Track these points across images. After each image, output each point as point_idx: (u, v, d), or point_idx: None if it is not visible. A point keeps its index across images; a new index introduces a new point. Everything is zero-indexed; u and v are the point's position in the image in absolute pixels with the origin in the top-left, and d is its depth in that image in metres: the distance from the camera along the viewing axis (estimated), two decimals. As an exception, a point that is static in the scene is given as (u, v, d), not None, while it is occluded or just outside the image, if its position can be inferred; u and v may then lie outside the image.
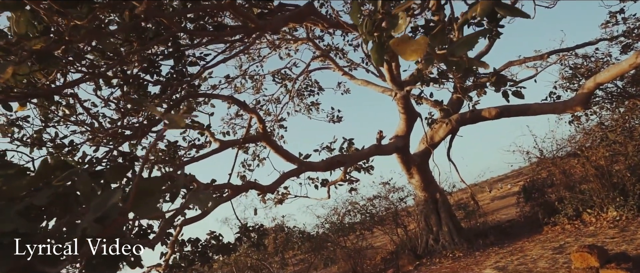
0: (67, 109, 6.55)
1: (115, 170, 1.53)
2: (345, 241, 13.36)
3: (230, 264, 13.43)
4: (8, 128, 6.26)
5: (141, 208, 1.56)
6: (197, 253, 7.81)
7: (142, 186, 1.59)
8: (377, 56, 2.05)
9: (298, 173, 7.75)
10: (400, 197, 13.97)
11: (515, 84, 6.66)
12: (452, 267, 8.80)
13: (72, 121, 6.76)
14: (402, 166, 11.39)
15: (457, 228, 11.13)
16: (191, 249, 7.75)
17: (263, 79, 13.07)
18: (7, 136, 6.36)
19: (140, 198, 1.58)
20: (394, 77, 8.99)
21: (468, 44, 1.47)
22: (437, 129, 10.95)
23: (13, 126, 6.20)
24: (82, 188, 1.54)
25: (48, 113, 6.53)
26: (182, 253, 7.69)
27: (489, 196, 28.58)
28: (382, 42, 1.84)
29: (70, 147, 6.80)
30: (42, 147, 6.65)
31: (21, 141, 6.43)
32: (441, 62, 1.58)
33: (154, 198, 1.58)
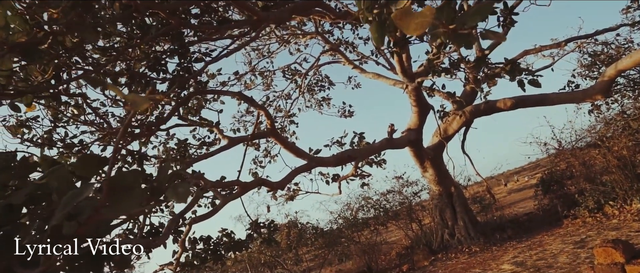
0: (75, 109, 6.56)
1: (85, 163, 1.41)
2: (359, 236, 13.21)
3: (244, 261, 13.43)
4: (18, 129, 6.29)
5: (118, 205, 1.44)
6: (209, 251, 7.78)
7: (119, 181, 1.47)
8: (377, 35, 1.88)
9: (308, 169, 7.63)
10: (415, 191, 13.76)
11: (532, 73, 6.39)
12: (469, 262, 8.57)
13: (82, 121, 6.77)
14: (415, 160, 11.16)
15: (473, 223, 10.87)
16: (203, 247, 7.72)
17: (273, 75, 12.98)
18: (18, 136, 6.39)
19: (118, 194, 1.47)
20: (405, 69, 8.78)
21: (481, 13, 1.31)
22: (451, 122, 10.68)
23: (23, 127, 6.23)
24: (58, 184, 1.44)
25: (57, 113, 6.55)
26: (194, 251, 7.65)
27: (506, 189, 28.01)
28: (382, 19, 1.68)
29: (80, 146, 6.82)
30: (52, 147, 6.68)
31: (32, 142, 6.46)
32: (449, 37, 1.42)
33: (134, 193, 1.47)
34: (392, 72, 11.81)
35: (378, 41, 1.94)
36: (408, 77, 8.59)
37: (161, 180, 1.49)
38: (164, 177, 1.49)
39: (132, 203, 1.45)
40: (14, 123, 6.20)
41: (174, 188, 1.40)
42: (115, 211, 1.43)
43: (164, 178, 1.49)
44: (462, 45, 1.80)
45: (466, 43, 1.80)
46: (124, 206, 1.44)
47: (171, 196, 1.38)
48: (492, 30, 1.54)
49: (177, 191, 1.38)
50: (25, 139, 6.48)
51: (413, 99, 9.60)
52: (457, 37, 1.61)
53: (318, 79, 13.44)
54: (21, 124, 6.18)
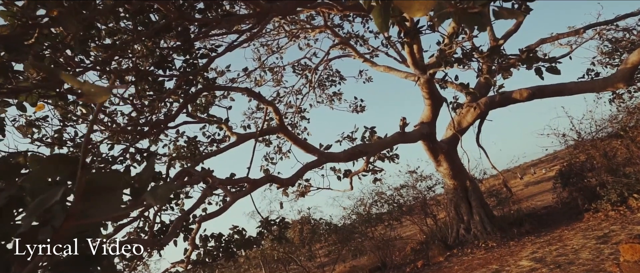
0: (84, 108, 6.56)
1: (53, 163, 1.30)
2: (372, 232, 13.06)
3: (257, 258, 13.43)
4: (28, 129, 6.32)
5: (98, 208, 1.33)
6: (220, 248, 7.74)
7: (98, 182, 1.36)
8: (380, 20, 1.71)
9: (318, 165, 7.50)
10: (429, 186, 13.53)
11: (549, 61, 6.11)
12: (485, 258, 8.34)
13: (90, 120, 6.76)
14: (428, 153, 10.93)
15: (489, 217, 10.60)
16: (215, 244, 7.69)
17: (283, 71, 12.86)
18: (28, 136, 6.42)
19: (97, 196, 1.36)
20: (416, 61, 8.55)
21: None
22: (465, 114, 10.40)
23: (32, 127, 6.25)
24: (31, 186, 1.34)
25: (66, 112, 6.56)
26: (205, 249, 7.62)
27: (523, 182, 27.43)
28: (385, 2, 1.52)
29: (90, 146, 6.83)
30: (62, 147, 6.71)
31: (42, 142, 6.49)
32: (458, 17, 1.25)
33: (115, 195, 1.36)
34: (403, 65, 11.57)
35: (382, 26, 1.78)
36: (420, 69, 8.36)
37: (144, 180, 1.38)
38: (147, 177, 1.38)
39: (111, 206, 1.34)
40: (24, 123, 6.23)
41: (154, 189, 1.28)
42: (93, 215, 1.32)
43: (147, 178, 1.38)
44: (474, 26, 1.63)
45: (478, 24, 1.62)
46: (103, 210, 1.33)
47: (149, 198, 1.26)
48: (507, 8, 1.37)
49: (156, 192, 1.26)
50: (35, 139, 6.52)
51: (425, 91, 9.36)
52: (467, 17, 1.45)
53: (329, 74, 13.28)
54: (30, 124, 6.20)
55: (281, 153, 12.24)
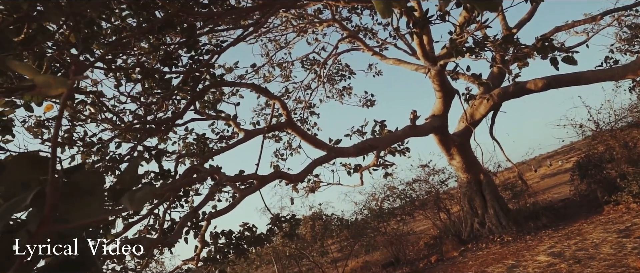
0: (92, 108, 6.57)
1: (22, 163, 1.21)
2: (385, 227, 12.92)
3: (269, 254, 13.43)
4: (38, 130, 6.35)
5: (78, 211, 1.24)
6: (231, 245, 7.72)
7: (78, 184, 1.26)
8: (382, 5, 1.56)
9: (327, 160, 7.39)
10: (441, 180, 13.33)
11: (565, 50, 5.87)
12: (501, 253, 8.14)
13: (100, 120, 6.77)
14: (441, 147, 10.72)
15: (504, 211, 10.36)
16: (225, 242, 7.67)
17: (292, 66, 12.75)
18: (38, 137, 6.45)
19: (77, 198, 1.26)
20: (427, 52, 8.34)
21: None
22: (477, 106, 10.14)
23: (42, 127, 6.28)
24: (5, 189, 1.26)
25: (75, 112, 6.57)
26: (216, 246, 7.61)
27: (538, 175, 26.88)
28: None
29: (100, 144, 6.84)
30: (72, 146, 6.73)
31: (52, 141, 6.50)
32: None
33: (96, 197, 1.26)
34: (414, 57, 11.35)
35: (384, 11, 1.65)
36: (430, 60, 8.15)
37: (125, 182, 1.29)
38: (129, 178, 1.29)
39: (92, 210, 1.25)
40: (33, 123, 6.26)
41: (133, 193, 1.18)
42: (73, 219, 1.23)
43: (129, 180, 1.29)
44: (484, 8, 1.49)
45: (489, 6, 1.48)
46: (83, 213, 1.24)
47: (126, 202, 1.16)
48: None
49: (134, 197, 1.16)
50: (46, 140, 6.54)
51: (436, 84, 9.15)
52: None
53: (338, 69, 13.12)
54: (39, 124, 6.22)
55: (291, 148, 12.16)
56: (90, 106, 6.54)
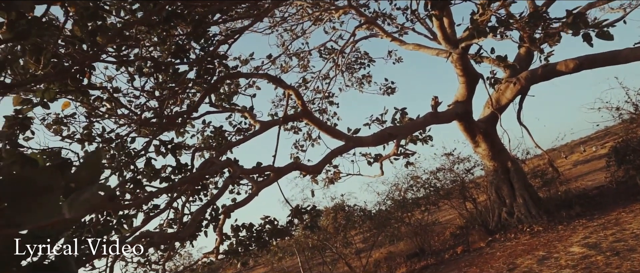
0: (108, 103, 6.59)
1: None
2: (409, 217, 12.64)
3: (292, 246, 13.41)
4: (57, 127, 6.43)
5: (31, 213, 1.10)
6: (252, 238, 7.68)
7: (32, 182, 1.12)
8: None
9: (346, 150, 7.19)
10: (467, 168, 12.88)
11: (599, 26, 5.38)
12: (531, 244, 7.74)
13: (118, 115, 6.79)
14: (465, 134, 10.30)
15: (534, 199, 9.87)
16: (246, 234, 7.64)
17: (309, 56, 12.54)
18: (58, 134, 6.54)
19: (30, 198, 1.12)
20: (447, 35, 7.95)
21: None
22: (504, 91, 9.64)
23: (60, 124, 6.35)
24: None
25: (92, 108, 6.62)
26: (237, 238, 7.58)
27: (570, 161, 25.70)
28: None
29: (118, 140, 6.89)
30: (91, 143, 6.80)
31: (71, 138, 6.58)
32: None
33: (51, 197, 1.12)
34: (434, 41, 10.91)
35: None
36: (451, 44, 7.76)
37: (81, 179, 1.14)
38: (86, 175, 1.14)
39: (47, 210, 1.11)
40: (51, 121, 6.34)
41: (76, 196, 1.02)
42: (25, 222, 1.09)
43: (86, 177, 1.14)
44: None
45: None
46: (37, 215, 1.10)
47: (65, 208, 1.01)
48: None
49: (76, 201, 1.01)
50: (65, 137, 6.63)
51: (459, 68, 8.73)
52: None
53: (357, 57, 12.81)
54: (57, 121, 6.29)
55: (311, 139, 12.02)
56: (107, 102, 6.58)
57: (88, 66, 4.67)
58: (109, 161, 6.74)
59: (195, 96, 7.47)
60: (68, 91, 5.02)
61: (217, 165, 5.28)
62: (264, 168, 6.37)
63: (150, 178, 6.73)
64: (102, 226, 5.16)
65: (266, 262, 16.62)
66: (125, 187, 5.91)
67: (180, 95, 7.17)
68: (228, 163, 5.51)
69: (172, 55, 5.79)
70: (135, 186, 5.90)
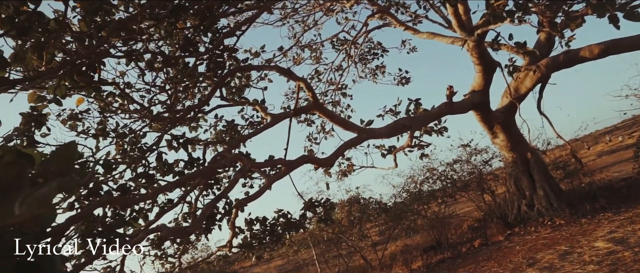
0: (120, 99, 6.63)
1: None
2: (425, 210, 12.44)
3: (307, 239, 13.40)
4: (73, 122, 6.51)
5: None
6: (266, 231, 7.68)
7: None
8: None
9: (358, 142, 7.05)
10: (485, 160, 12.55)
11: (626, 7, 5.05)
12: (552, 238, 7.47)
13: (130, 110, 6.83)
14: (482, 125, 10.00)
15: (555, 191, 9.53)
16: (260, 228, 7.64)
17: (321, 47, 12.37)
18: (74, 129, 6.62)
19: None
20: (463, 23, 7.68)
21: None
22: (523, 79, 9.29)
23: (75, 120, 6.42)
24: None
25: (106, 104, 6.67)
26: (251, 232, 7.59)
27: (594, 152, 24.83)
28: None
29: (131, 135, 6.94)
30: (106, 137, 6.86)
31: (86, 134, 6.65)
32: None
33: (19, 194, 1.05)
34: (449, 30, 10.59)
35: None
36: (467, 31, 7.49)
37: (50, 174, 1.06)
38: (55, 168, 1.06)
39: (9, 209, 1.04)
40: (66, 117, 6.42)
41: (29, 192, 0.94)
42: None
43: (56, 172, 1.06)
44: None
45: None
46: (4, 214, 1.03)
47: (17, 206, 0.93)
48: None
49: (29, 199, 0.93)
50: (80, 132, 6.71)
51: (475, 56, 8.43)
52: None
53: (370, 47, 12.57)
54: (72, 117, 6.36)
55: (324, 132, 11.92)
56: (119, 97, 6.61)
57: (97, 62, 4.67)
58: (122, 156, 6.80)
59: (206, 90, 7.45)
60: (79, 87, 5.05)
61: (227, 159, 5.24)
62: (274, 161, 6.31)
63: (164, 173, 6.77)
64: (114, 220, 5.20)
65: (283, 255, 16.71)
66: (138, 182, 5.95)
67: (191, 89, 7.17)
68: (238, 157, 5.46)
69: (181, 49, 5.76)
70: (147, 181, 5.93)
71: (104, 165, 5.54)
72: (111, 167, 5.74)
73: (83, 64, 4.94)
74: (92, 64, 4.95)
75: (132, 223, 5.65)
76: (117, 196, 5.13)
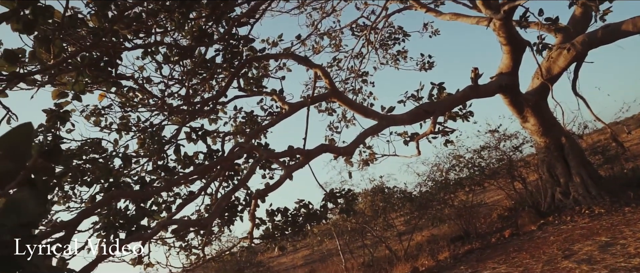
0: (140, 93, 6.67)
1: None
2: (452, 199, 12.05)
3: (330, 229, 13.31)
4: (96, 118, 6.60)
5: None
6: (287, 222, 7.63)
7: None
8: None
9: (379, 130, 6.83)
10: (514, 146, 11.97)
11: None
12: (590, 228, 7.01)
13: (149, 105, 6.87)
14: (511, 108, 9.50)
15: (593, 178, 8.95)
16: (281, 219, 7.59)
17: (341, 34, 12.10)
18: (98, 125, 6.72)
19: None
20: (488, 0, 7.23)
21: None
22: (556, 58, 8.71)
23: (98, 116, 6.50)
24: None
25: (127, 99, 6.73)
26: (273, 223, 7.55)
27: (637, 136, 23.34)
28: None
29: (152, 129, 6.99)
30: (128, 132, 6.94)
31: (109, 129, 6.74)
32: None
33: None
34: (474, 9, 10.07)
35: None
36: (493, 9, 7.05)
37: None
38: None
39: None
40: (89, 112, 6.51)
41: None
42: None
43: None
44: None
45: None
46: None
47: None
48: None
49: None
50: (104, 127, 6.80)
51: (502, 36, 7.95)
52: None
53: (390, 32, 12.19)
54: (94, 113, 6.45)
55: (346, 120, 11.71)
56: (139, 92, 6.65)
57: (113, 56, 4.65)
58: (145, 150, 6.87)
59: (224, 82, 7.40)
60: (98, 82, 5.07)
61: (243, 149, 5.17)
62: (292, 151, 6.19)
63: (184, 165, 6.79)
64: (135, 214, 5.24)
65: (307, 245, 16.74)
66: (157, 174, 5.98)
67: (209, 81, 7.13)
68: (253, 147, 5.38)
69: (195, 40, 5.69)
70: (166, 174, 5.96)
71: (123, 159, 5.59)
72: (130, 160, 5.79)
73: (100, 60, 4.95)
74: (110, 59, 4.95)
75: (153, 216, 5.70)
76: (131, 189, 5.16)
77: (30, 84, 4.29)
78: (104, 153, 6.25)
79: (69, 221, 2.91)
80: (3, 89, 3.06)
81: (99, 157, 6.15)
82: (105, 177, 5.57)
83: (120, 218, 5.10)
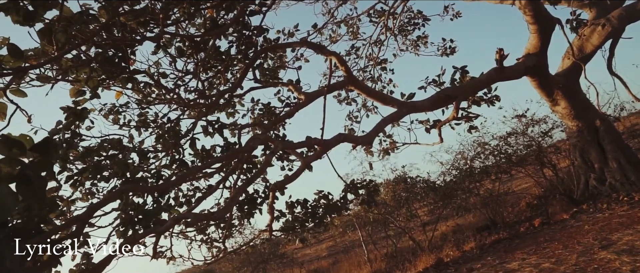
0: (157, 89, 6.64)
1: None
2: (478, 187, 11.65)
3: (352, 219, 13.15)
4: (115, 116, 6.63)
5: None
6: (307, 214, 7.53)
7: None
8: None
9: (398, 117, 6.58)
10: (544, 131, 11.42)
11: None
12: (630, 216, 6.57)
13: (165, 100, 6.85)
14: (539, 91, 9.00)
15: (632, 163, 8.40)
16: (301, 210, 7.49)
17: (358, 22, 11.79)
18: (117, 123, 6.76)
19: None
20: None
21: None
22: (589, 36, 8.15)
23: (116, 113, 6.53)
24: None
25: (144, 96, 6.72)
26: (293, 215, 7.47)
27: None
28: None
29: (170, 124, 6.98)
30: (147, 128, 6.96)
31: (128, 126, 6.76)
32: None
33: None
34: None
35: None
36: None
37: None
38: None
39: None
40: (107, 110, 6.54)
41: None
42: None
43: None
44: None
45: None
46: None
47: None
48: None
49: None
50: (123, 125, 6.84)
51: (529, 14, 7.48)
52: None
53: (410, 17, 11.78)
54: (112, 110, 6.47)
55: (366, 109, 11.44)
56: (155, 87, 6.63)
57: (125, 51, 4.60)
58: (162, 145, 6.88)
59: (239, 73, 7.31)
60: (112, 78, 5.05)
61: (258, 141, 5.06)
62: (309, 141, 6.03)
63: (202, 159, 6.77)
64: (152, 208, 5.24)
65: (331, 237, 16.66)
66: (173, 169, 5.97)
67: (224, 73, 7.05)
68: (268, 139, 5.25)
69: (208, 31, 5.59)
70: (182, 168, 5.94)
71: (139, 153, 5.59)
72: (146, 155, 5.79)
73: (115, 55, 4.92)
74: (123, 54, 4.91)
75: (170, 210, 5.69)
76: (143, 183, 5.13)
77: (44, 81, 4.28)
78: (123, 149, 6.28)
79: (79, 215, 2.86)
80: (9, 84, 3.02)
81: (118, 153, 6.17)
82: (122, 172, 5.59)
83: (138, 213, 5.10)
